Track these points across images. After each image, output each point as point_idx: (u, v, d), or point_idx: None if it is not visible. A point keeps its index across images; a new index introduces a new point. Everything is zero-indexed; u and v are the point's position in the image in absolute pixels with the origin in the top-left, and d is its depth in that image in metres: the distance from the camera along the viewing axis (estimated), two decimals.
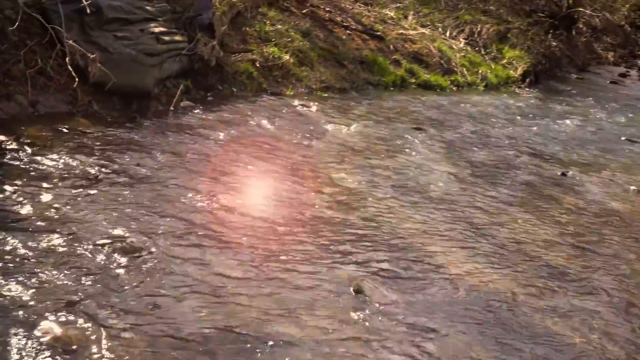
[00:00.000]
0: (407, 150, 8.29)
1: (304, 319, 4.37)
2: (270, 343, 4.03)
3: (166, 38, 7.81)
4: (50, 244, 4.43)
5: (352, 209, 6.22)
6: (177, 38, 8.04)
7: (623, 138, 11.57)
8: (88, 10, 7.03)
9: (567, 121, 12.02)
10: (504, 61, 14.94)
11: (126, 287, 4.19)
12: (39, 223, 4.65)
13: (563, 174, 8.71)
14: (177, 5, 8.79)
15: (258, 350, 3.93)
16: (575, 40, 18.66)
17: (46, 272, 4.12)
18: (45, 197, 5.00)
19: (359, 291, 4.83)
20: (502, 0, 17.84)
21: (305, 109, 8.85)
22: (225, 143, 7.01)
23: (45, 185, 5.17)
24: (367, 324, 4.49)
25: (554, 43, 16.97)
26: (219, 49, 8.64)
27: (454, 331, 4.64)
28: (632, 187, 8.78)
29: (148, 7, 8.06)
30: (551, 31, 17.35)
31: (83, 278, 4.16)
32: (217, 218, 5.40)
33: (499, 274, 5.60)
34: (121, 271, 4.34)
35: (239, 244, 5.09)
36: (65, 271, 4.18)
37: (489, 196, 7.35)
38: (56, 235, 4.54)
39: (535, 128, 11.01)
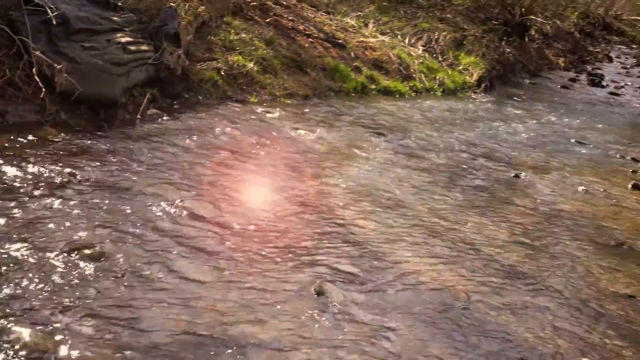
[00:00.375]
0: (367, 154, 8.34)
1: (267, 321, 4.39)
2: (234, 345, 4.05)
3: (133, 48, 7.76)
4: (16, 252, 4.40)
5: (313, 213, 6.25)
6: (144, 48, 8.00)
7: (573, 140, 11.73)
8: (54, 22, 6.99)
9: (520, 125, 12.14)
10: (461, 67, 15.03)
11: (92, 293, 4.18)
12: (4, 229, 4.63)
13: (516, 176, 8.81)
14: (143, 15, 8.73)
15: (222, 353, 3.95)
16: (528, 47, 18.84)
17: (14, 279, 4.10)
18: (12, 205, 4.96)
19: (320, 293, 4.86)
20: (458, 9, 18.01)
21: (269, 115, 8.84)
22: (191, 150, 6.98)
23: (12, 194, 5.13)
24: (328, 324, 4.53)
25: (507, 49, 17.13)
26: (185, 57, 8.61)
27: (412, 329, 4.69)
28: (581, 188, 8.91)
29: (114, 18, 8.02)
30: (505, 38, 17.49)
31: (49, 285, 4.15)
32: (183, 224, 5.40)
33: (454, 274, 5.67)
34: (88, 277, 4.33)
35: (204, 249, 5.09)
36: (32, 278, 4.16)
37: (446, 198, 7.42)
38: (22, 243, 4.51)
39: (490, 132, 11.13)
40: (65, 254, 4.51)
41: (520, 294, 5.60)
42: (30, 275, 4.19)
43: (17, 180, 5.37)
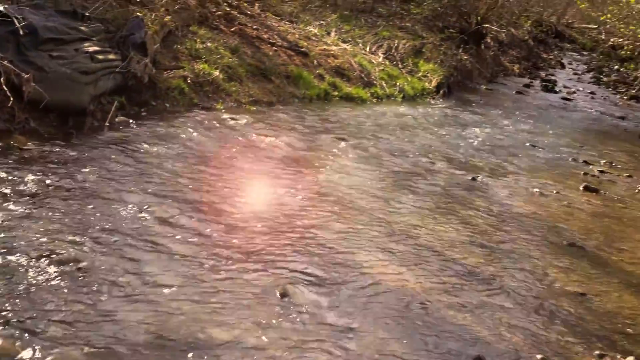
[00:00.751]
0: (329, 159, 8.38)
1: (232, 323, 4.42)
2: (201, 347, 4.08)
3: (100, 57, 7.75)
4: None
5: (277, 216, 6.28)
6: (111, 57, 7.98)
7: (527, 144, 11.87)
8: (22, 32, 6.95)
9: (477, 129, 12.25)
10: (420, 74, 15.18)
11: (61, 298, 4.19)
12: None
13: (473, 179, 8.89)
14: (111, 25, 8.74)
15: (189, 355, 3.98)
16: (484, 54, 19.08)
17: None
18: None
19: (284, 294, 4.90)
20: (417, 18, 18.18)
21: (235, 122, 8.85)
22: (159, 156, 6.98)
23: None
24: (291, 325, 4.56)
25: (464, 57, 17.32)
26: (152, 66, 8.61)
27: (373, 329, 4.74)
28: (535, 190, 9.03)
29: (82, 28, 8.00)
30: (462, 46, 17.70)
31: (18, 290, 4.14)
32: (150, 229, 5.42)
33: (414, 274, 5.72)
34: (56, 282, 4.33)
35: (171, 253, 5.11)
36: (1, 283, 4.16)
37: (406, 202, 7.48)
38: None
39: (448, 136, 11.23)
40: (35, 260, 4.51)
41: (477, 293, 5.65)
42: None
43: None
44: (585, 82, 22.22)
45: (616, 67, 25.00)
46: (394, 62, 15.14)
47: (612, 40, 18.94)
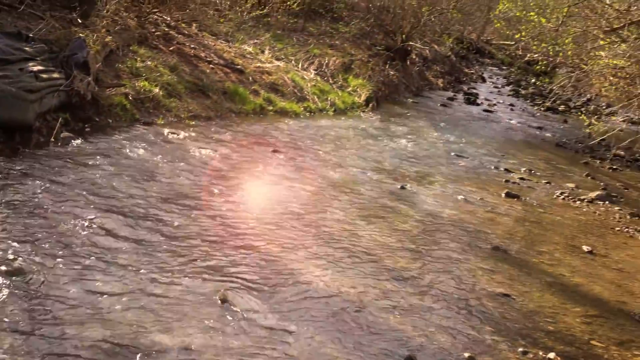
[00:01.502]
0: (265, 171, 8.52)
1: (175, 328, 4.46)
2: (145, 352, 4.10)
3: (44, 76, 7.81)
4: None
5: (216, 225, 6.37)
6: (55, 75, 8.05)
7: (452, 154, 12.15)
8: None
9: (405, 140, 12.49)
10: (350, 89, 15.48)
11: (8, 308, 4.18)
12: None
13: (402, 188, 9.06)
14: (54, 45, 8.80)
15: (133, 359, 4.03)
16: (410, 69, 19.50)
17: None
18: None
19: (224, 300, 4.95)
20: (345, 36, 18.48)
21: (174, 136, 8.93)
22: (101, 169, 7.02)
23: None
24: (231, 329, 4.62)
25: (391, 72, 17.69)
26: (94, 84, 8.71)
27: (309, 332, 4.82)
28: (460, 197, 9.27)
29: (27, 48, 8.07)
30: (389, 62, 18.07)
31: None
32: (96, 239, 5.44)
33: (348, 279, 5.83)
34: (3, 293, 4.33)
35: (116, 262, 5.14)
36: None
37: (339, 210, 7.61)
38: None
39: (377, 147, 11.45)
40: None
41: (408, 296, 5.76)
42: None
43: None
44: (505, 94, 22.89)
45: (533, 80, 25.87)
46: (325, 78, 15.44)
47: (527, 55, 19.63)
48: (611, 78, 13.92)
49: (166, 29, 12.55)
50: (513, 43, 23.91)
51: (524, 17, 15.49)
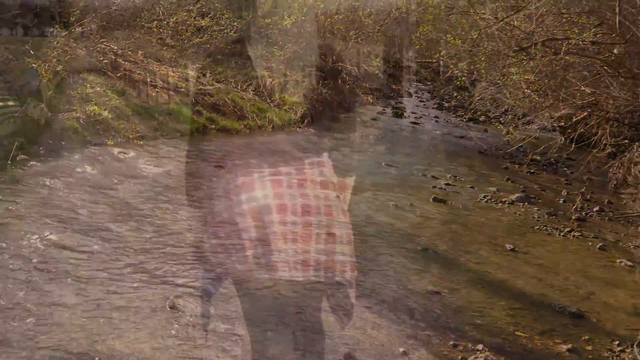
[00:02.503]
0: (208, 183, 8.68)
1: (127, 335, 4.54)
2: (99, 359, 4.18)
3: (0, 104, 7.91)
4: None
5: (163, 235, 6.50)
6: (10, 103, 8.24)
7: (383, 163, 12.15)
8: None
9: (338, 153, 12.58)
10: (286, 107, 15.62)
11: None
12: None
13: (337, 196, 8.89)
14: (8, 76, 8.93)
15: None
16: (341, 87, 19.63)
17: None
18: None
19: (173, 307, 5.03)
20: (280, 58, 18.75)
21: (124, 155, 9.05)
22: (57, 189, 7.14)
23: None
24: (181, 334, 4.70)
25: (324, 90, 17.91)
26: (47, 110, 8.85)
27: (254, 335, 4.89)
28: (392, 203, 9.32)
29: None
30: (321, 81, 18.27)
31: None
32: (48, 254, 5.54)
33: (289, 284, 5.90)
34: None
35: (70, 275, 5.24)
36: None
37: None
38: None
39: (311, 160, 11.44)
40: None
41: (338, 297, 5.81)
42: None
43: None
44: (430, 108, 23.08)
45: (454, 94, 26.49)
46: (263, 97, 15.60)
47: (448, 72, 20.23)
48: (525, 91, 14.30)
49: (113, 57, 12.67)
50: (434, 61, 24.52)
51: (441, 39, 15.97)
